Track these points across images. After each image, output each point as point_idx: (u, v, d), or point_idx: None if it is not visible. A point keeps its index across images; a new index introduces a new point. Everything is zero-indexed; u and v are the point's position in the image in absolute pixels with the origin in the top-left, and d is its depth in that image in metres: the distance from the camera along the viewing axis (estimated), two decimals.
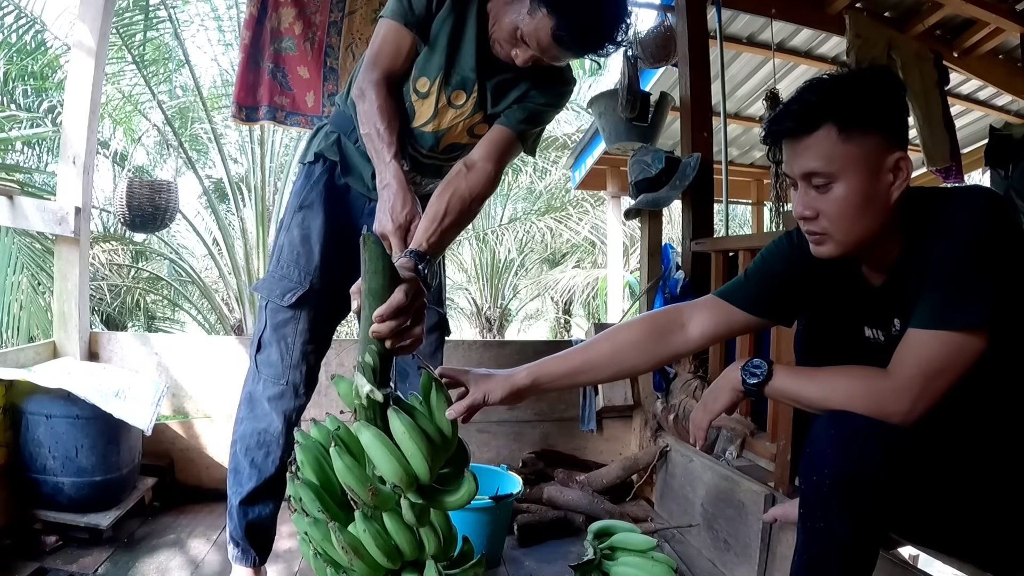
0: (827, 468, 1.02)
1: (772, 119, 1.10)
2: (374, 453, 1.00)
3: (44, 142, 6.21)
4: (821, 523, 1.04)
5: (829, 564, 1.05)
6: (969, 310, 0.97)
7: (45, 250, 4.78)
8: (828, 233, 1.07)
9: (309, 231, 1.54)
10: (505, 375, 1.17)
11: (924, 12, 3.52)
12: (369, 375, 1.02)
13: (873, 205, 1.04)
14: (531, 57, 1.36)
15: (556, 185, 9.50)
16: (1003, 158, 3.98)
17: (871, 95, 1.03)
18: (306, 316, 1.55)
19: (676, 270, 2.74)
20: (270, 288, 1.55)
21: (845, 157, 1.02)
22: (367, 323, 1.02)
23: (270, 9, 2.94)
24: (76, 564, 1.79)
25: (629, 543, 1.74)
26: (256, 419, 1.57)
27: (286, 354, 1.55)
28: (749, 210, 7.33)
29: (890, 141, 1.04)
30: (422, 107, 1.47)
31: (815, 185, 1.05)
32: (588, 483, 2.34)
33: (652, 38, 3.17)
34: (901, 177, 1.04)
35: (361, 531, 1.02)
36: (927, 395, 0.99)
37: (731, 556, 1.83)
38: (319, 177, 1.57)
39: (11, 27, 5.45)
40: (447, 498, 1.07)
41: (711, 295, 1.32)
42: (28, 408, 1.91)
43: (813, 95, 1.04)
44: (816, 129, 1.03)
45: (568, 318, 10.74)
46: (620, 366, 1.25)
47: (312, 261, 1.54)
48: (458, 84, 1.45)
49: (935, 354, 0.98)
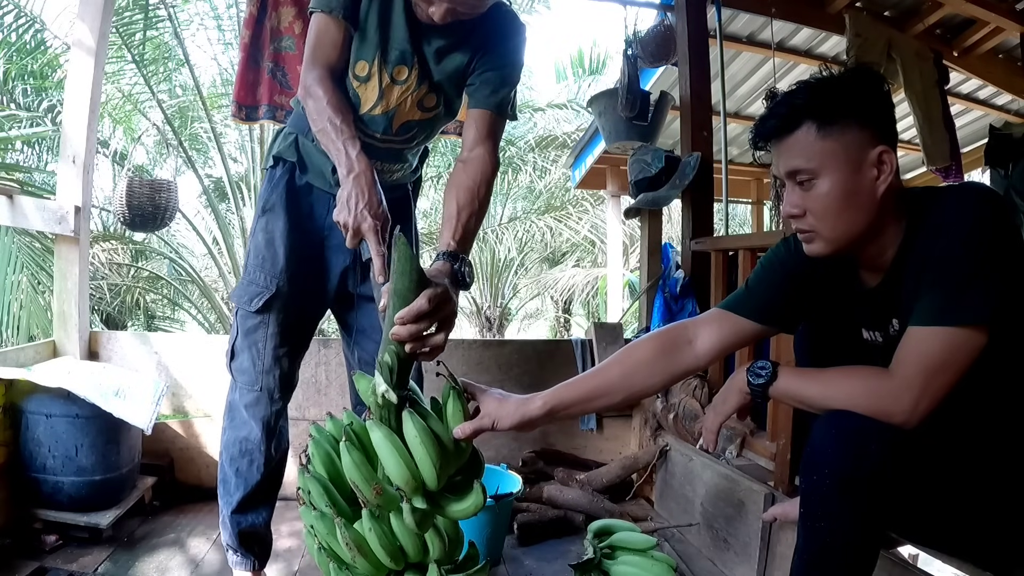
0: (827, 467, 1.02)
1: (757, 122, 1.13)
2: (383, 453, 0.99)
3: (44, 141, 6.20)
4: (822, 522, 1.04)
5: (830, 563, 1.05)
6: (969, 306, 0.97)
7: (45, 249, 4.77)
8: (816, 230, 1.09)
9: (272, 234, 1.52)
10: (519, 401, 1.15)
11: (924, 11, 3.52)
12: (387, 375, 1.02)
13: (857, 199, 1.05)
14: (447, 10, 1.30)
15: (556, 184, 9.49)
16: (1003, 157, 3.98)
17: (847, 91, 1.05)
18: (275, 320, 1.53)
19: (676, 269, 2.74)
20: (240, 295, 1.54)
21: (824, 153, 1.04)
22: (389, 324, 1.02)
23: (270, 8, 2.94)
24: (76, 563, 1.79)
25: (629, 542, 1.74)
26: (236, 428, 1.56)
27: (258, 360, 1.54)
28: (749, 209, 7.32)
29: (872, 136, 1.05)
30: (366, 91, 1.44)
31: (799, 183, 1.08)
32: (588, 482, 2.34)
33: (652, 37, 3.17)
34: (885, 171, 1.04)
35: (367, 529, 1.02)
36: (928, 394, 0.98)
37: (731, 555, 1.83)
38: (279, 179, 1.55)
39: (11, 26, 5.44)
40: (453, 507, 1.06)
41: (715, 308, 1.32)
42: (28, 407, 1.91)
43: (794, 96, 1.07)
44: (796, 128, 1.06)
45: (568, 317, 10.75)
46: (632, 388, 1.24)
47: (277, 264, 1.52)
48: (397, 59, 1.41)
49: (935, 351, 0.98)
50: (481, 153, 1.39)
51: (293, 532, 2.10)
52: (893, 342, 1.07)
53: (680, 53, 2.97)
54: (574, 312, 10.77)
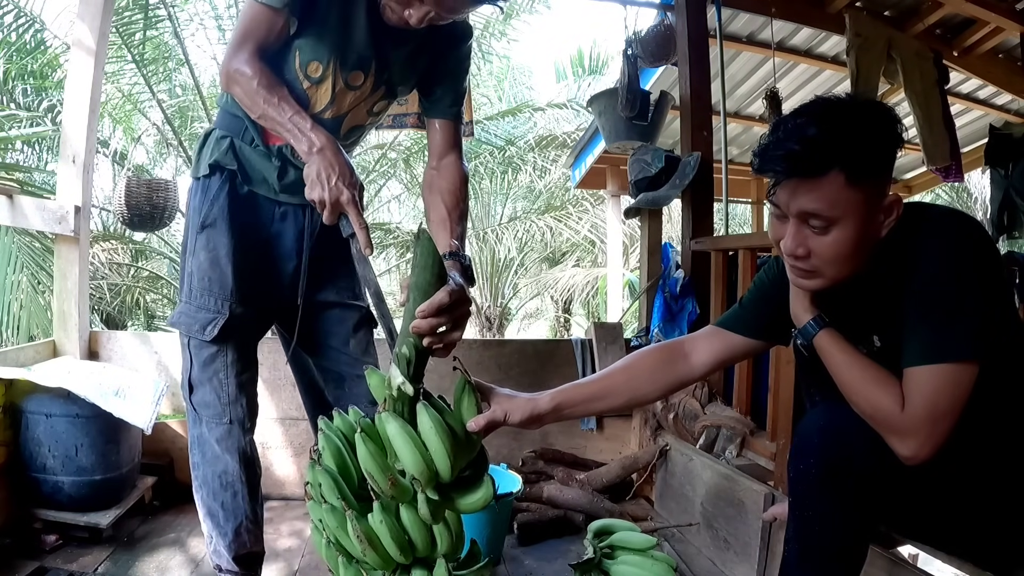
0: (813, 456, 1.05)
1: (770, 151, 1.02)
2: (398, 445, 0.99)
3: (44, 141, 6.21)
4: (809, 511, 1.07)
5: (819, 552, 1.07)
6: (960, 340, 0.96)
7: (45, 249, 4.78)
8: (818, 271, 1.06)
9: (217, 252, 1.40)
10: (528, 398, 1.18)
11: (924, 11, 3.52)
12: (403, 367, 1.02)
13: (865, 245, 1.03)
14: (426, 15, 1.24)
15: (556, 184, 9.48)
16: (1003, 157, 3.99)
17: (880, 143, 1.00)
18: (234, 346, 1.43)
19: (676, 269, 2.74)
20: (188, 323, 1.41)
21: (849, 203, 0.99)
22: (409, 316, 1.03)
23: None
24: (76, 563, 1.79)
25: (629, 542, 1.74)
26: (211, 463, 1.46)
27: (222, 392, 1.43)
28: (749, 209, 7.32)
29: (887, 182, 1.04)
30: (317, 93, 1.36)
31: (812, 226, 1.02)
32: (588, 482, 2.34)
33: (652, 37, 3.17)
34: (893, 216, 1.03)
35: (378, 522, 1.02)
36: (933, 439, 0.97)
37: (731, 555, 1.84)
38: (218, 190, 1.41)
39: (11, 26, 5.45)
40: (464, 499, 1.07)
41: (711, 325, 1.38)
42: (28, 407, 1.91)
43: (818, 133, 0.97)
44: (824, 174, 0.98)
45: (568, 317, 10.75)
46: (634, 393, 1.29)
47: (226, 285, 1.40)
48: (355, 64, 1.34)
49: (939, 392, 0.97)
50: (453, 160, 1.43)
51: (293, 532, 2.10)
52: (878, 356, 1.07)
53: (680, 53, 2.97)
54: (574, 312, 10.77)
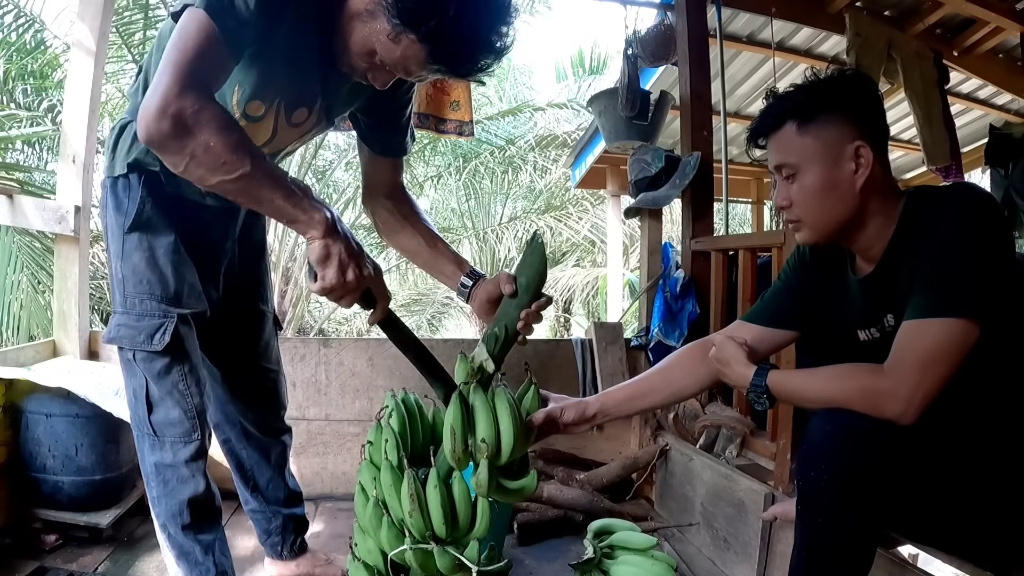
0: (824, 464, 1.04)
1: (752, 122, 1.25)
2: (480, 415, 1.10)
3: (44, 141, 6.21)
4: (819, 519, 1.06)
5: (828, 559, 1.06)
6: (959, 297, 0.99)
7: (45, 249, 4.78)
8: (801, 219, 1.20)
9: (153, 251, 1.31)
10: (577, 400, 1.34)
11: (924, 11, 3.51)
12: (492, 346, 1.15)
13: (836, 191, 1.14)
14: (390, 80, 1.18)
15: (556, 184, 9.50)
16: (1003, 157, 3.98)
17: (825, 91, 1.16)
18: (187, 352, 1.33)
19: (676, 269, 2.74)
20: (131, 335, 1.30)
21: (804, 149, 1.15)
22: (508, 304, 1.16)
23: None
24: (76, 563, 1.79)
25: (629, 542, 1.74)
26: (177, 491, 1.33)
27: (187, 405, 1.33)
28: (749, 209, 7.32)
29: (852, 133, 1.12)
30: (255, 131, 1.26)
31: (786, 177, 1.19)
32: (588, 482, 2.34)
33: (652, 37, 3.17)
34: (863, 165, 1.12)
35: (432, 487, 1.10)
36: (923, 387, 0.99)
37: (731, 555, 1.84)
38: (143, 189, 1.31)
39: (11, 26, 5.45)
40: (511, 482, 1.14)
41: (738, 320, 1.46)
42: (28, 407, 1.91)
43: (782, 97, 1.20)
44: (781, 126, 1.18)
45: (568, 317, 10.75)
46: (672, 388, 1.40)
47: (168, 285, 1.31)
48: (299, 103, 1.26)
49: (929, 343, 1.00)
50: (404, 190, 1.47)
51: None
52: (889, 338, 1.08)
53: (680, 53, 2.97)
54: (574, 312, 10.77)
